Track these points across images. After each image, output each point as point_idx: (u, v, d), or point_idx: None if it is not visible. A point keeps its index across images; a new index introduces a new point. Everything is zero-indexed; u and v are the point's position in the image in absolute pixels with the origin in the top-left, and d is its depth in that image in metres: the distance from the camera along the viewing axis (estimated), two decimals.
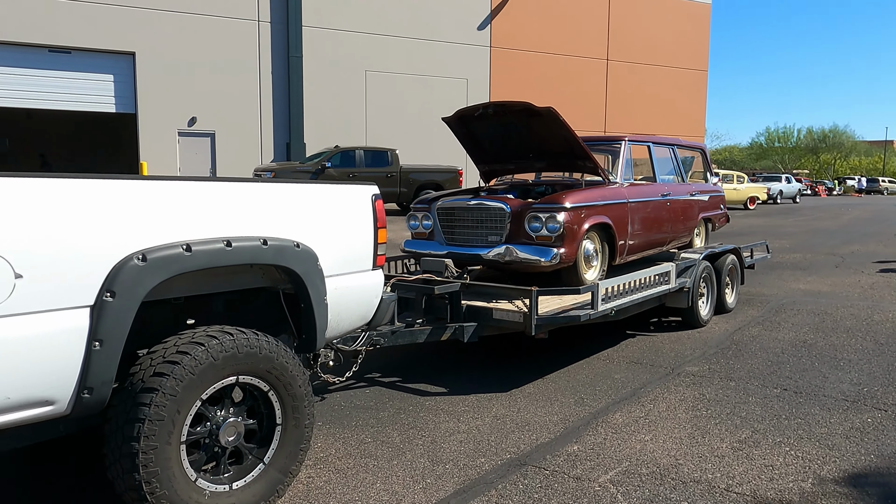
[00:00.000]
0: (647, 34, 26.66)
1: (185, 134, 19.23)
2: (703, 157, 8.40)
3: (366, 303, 3.48)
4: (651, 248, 6.65)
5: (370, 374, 5.11)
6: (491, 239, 5.57)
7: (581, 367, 5.19)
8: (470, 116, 6.10)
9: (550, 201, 5.33)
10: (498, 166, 6.75)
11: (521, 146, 6.29)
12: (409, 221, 6.15)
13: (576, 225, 5.33)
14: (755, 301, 7.91)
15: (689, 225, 7.36)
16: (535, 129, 5.90)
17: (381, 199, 3.55)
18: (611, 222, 5.75)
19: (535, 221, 5.33)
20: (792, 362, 5.31)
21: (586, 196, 5.52)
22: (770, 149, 70.32)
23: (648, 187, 6.56)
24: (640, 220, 6.26)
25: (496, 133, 6.21)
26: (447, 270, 5.32)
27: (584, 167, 6.16)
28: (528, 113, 5.70)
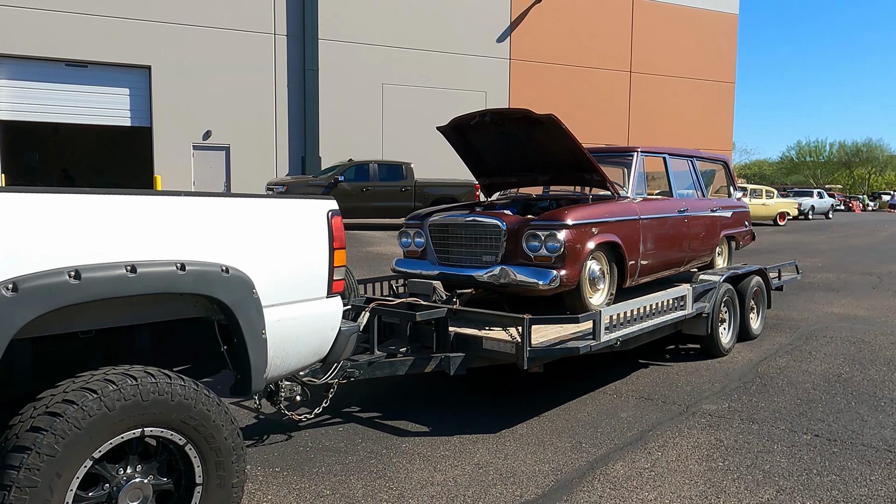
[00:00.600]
0: (672, 45, 26.02)
1: (199, 147, 19.11)
2: (725, 170, 7.81)
3: (318, 336, 3.00)
4: (666, 269, 6.09)
5: (348, 406, 4.62)
6: (486, 259, 5.07)
7: (583, 404, 4.64)
8: (466, 125, 5.63)
9: (550, 218, 4.82)
10: (499, 179, 6.26)
11: (523, 157, 5.80)
12: (401, 239, 5.69)
13: (579, 244, 4.81)
14: (783, 326, 7.26)
15: (709, 243, 6.77)
16: (537, 138, 5.41)
17: (339, 216, 3.09)
18: (620, 241, 5.21)
19: (533, 240, 4.82)
20: (825, 401, 4.69)
21: (591, 212, 5.00)
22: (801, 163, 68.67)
23: (663, 203, 6.01)
24: (654, 239, 5.71)
25: (496, 143, 5.73)
26: (435, 294, 4.83)
27: (592, 180, 5.64)
28: (527, 121, 5.21)
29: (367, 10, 20.72)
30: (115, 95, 18.29)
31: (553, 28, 23.63)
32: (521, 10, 23.04)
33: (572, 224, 4.76)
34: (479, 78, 22.45)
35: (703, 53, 26.75)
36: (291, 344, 2.87)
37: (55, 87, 17.64)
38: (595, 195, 5.85)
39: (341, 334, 3.12)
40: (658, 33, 25.67)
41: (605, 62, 24.77)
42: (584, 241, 4.85)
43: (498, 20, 22.81)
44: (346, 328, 3.16)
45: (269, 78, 19.73)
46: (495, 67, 22.82)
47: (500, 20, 22.85)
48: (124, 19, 17.91)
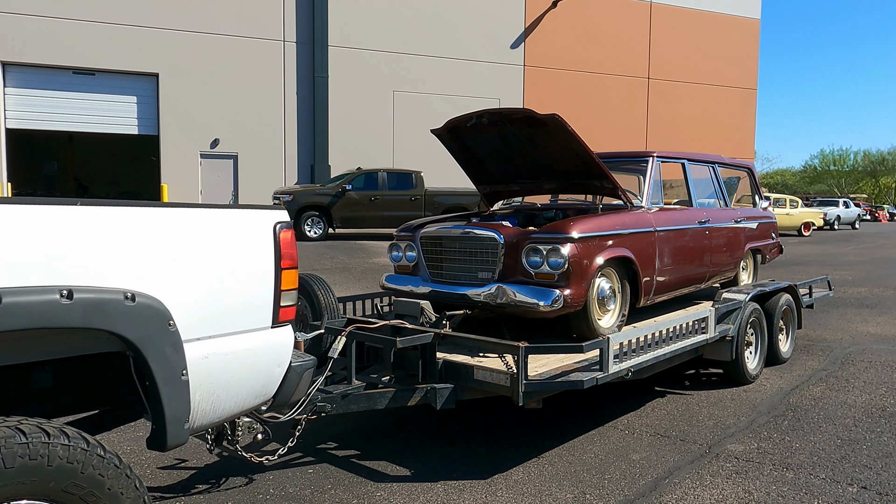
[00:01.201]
0: (692, 51, 25.36)
1: (207, 156, 18.82)
2: (750, 177, 7.21)
3: (261, 374, 2.49)
4: (685, 286, 5.51)
5: (324, 442, 4.11)
6: (482, 276, 4.54)
7: (590, 442, 4.08)
8: (463, 127, 5.12)
9: (553, 230, 4.28)
10: (501, 187, 5.73)
11: (526, 163, 5.27)
12: (391, 252, 5.18)
13: (586, 259, 4.26)
14: (815, 348, 6.63)
15: (733, 257, 6.18)
16: (541, 141, 4.88)
17: (290, 229, 2.59)
18: (632, 256, 4.65)
19: (534, 255, 4.29)
20: (869, 441, 4.08)
21: (600, 223, 4.45)
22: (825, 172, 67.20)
23: (682, 213, 5.44)
24: (672, 253, 5.14)
25: (496, 147, 5.21)
26: (423, 315, 4.30)
27: (602, 188, 5.09)
28: (529, 122, 4.68)
29: (378, 16, 20.37)
30: (123, 103, 18.08)
31: (568, 34, 23.11)
32: (535, 16, 22.56)
33: (578, 237, 4.22)
34: (493, 85, 21.97)
35: (723, 59, 26.04)
36: (225, 385, 2.37)
37: (62, 95, 17.46)
38: (606, 205, 5.30)
39: (292, 371, 2.61)
40: (677, 39, 25.03)
41: (622, 68, 24.17)
42: (591, 257, 4.31)
43: (512, 26, 22.34)
44: (299, 363, 2.65)
45: (278, 85, 19.42)
46: (509, 74, 22.34)
47: (514, 26, 22.38)
48: (132, 26, 17.71)
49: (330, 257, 13.60)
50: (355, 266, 12.50)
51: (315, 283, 4.39)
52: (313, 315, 4.34)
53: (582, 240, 4.24)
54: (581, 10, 23.14)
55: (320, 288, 4.36)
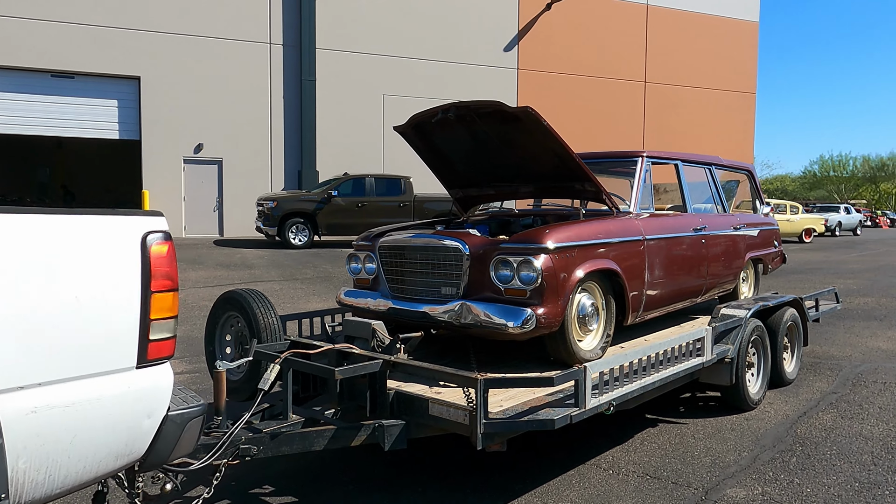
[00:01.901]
0: (689, 54, 24.87)
1: (190, 161, 18.27)
2: (750, 180, 6.67)
3: (122, 429, 1.93)
4: (679, 301, 4.95)
5: (258, 486, 3.54)
6: (445, 291, 3.98)
7: (568, 485, 3.51)
8: (428, 124, 4.57)
9: (524, 239, 3.73)
10: (475, 191, 5.18)
11: (501, 164, 4.72)
12: (350, 264, 4.62)
13: (563, 273, 3.70)
14: (822, 367, 6.06)
15: (732, 268, 5.63)
16: (515, 139, 4.33)
17: (166, 241, 2.03)
18: (618, 268, 4.09)
19: (503, 268, 3.73)
20: (893, 484, 3.51)
21: (580, 232, 3.89)
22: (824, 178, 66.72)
23: (675, 220, 4.89)
24: (663, 264, 4.59)
25: (467, 147, 4.66)
26: (374, 338, 3.74)
27: (584, 191, 4.54)
28: (500, 117, 4.14)
29: (368, 18, 19.88)
30: (103, 107, 17.53)
31: (563, 36, 22.62)
32: (529, 18, 22.08)
33: (553, 247, 3.66)
34: (485, 88, 21.44)
35: (722, 62, 25.55)
36: (66, 447, 1.81)
37: (40, 98, 16.92)
38: (590, 210, 4.75)
39: (169, 422, 2.05)
40: (674, 42, 24.54)
41: (619, 72, 23.67)
42: (569, 270, 3.75)
43: (505, 28, 21.85)
44: (179, 411, 2.08)
45: (264, 89, 18.90)
46: (502, 77, 21.83)
47: (508, 28, 21.89)
48: (112, 28, 17.20)
49: (313, 266, 13.05)
50: (338, 275, 11.94)
51: (253, 299, 3.83)
52: (250, 337, 3.78)
53: (558, 250, 3.68)
54: (576, 12, 22.66)
55: (259, 305, 3.80)
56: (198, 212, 18.39)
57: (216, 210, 18.63)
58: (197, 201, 18.39)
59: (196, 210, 18.37)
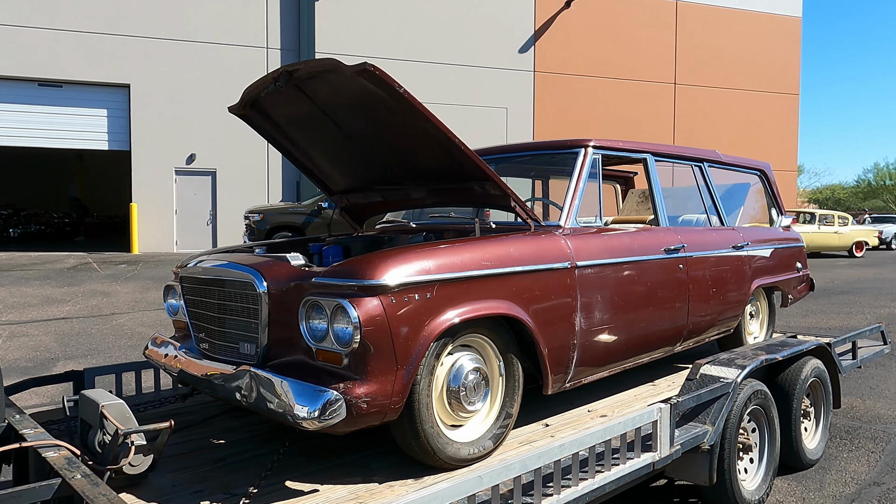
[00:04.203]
0: (724, 53, 23.01)
1: (182, 172, 17.38)
2: (763, 183, 5.12)
3: None
4: (642, 353, 3.47)
5: None
6: (245, 349, 2.61)
7: None
8: (266, 102, 3.23)
9: (341, 271, 2.34)
10: (360, 198, 3.80)
11: (381, 159, 3.35)
12: (167, 300, 3.28)
13: (408, 325, 2.30)
14: (862, 435, 4.45)
15: (731, 301, 4.11)
16: (379, 119, 2.95)
17: None
18: (522, 313, 2.66)
19: (316, 316, 2.34)
20: None
21: (448, 258, 2.47)
22: (880, 187, 62.82)
23: (633, 238, 3.42)
24: (609, 302, 3.12)
25: (330, 134, 3.29)
26: (102, 430, 2.37)
27: (488, 196, 3.12)
28: (342, 83, 2.76)
29: (370, 20, 18.77)
30: (92, 117, 16.81)
31: (583, 36, 21.08)
32: (546, 17, 20.65)
33: (390, 284, 2.26)
34: (500, 92, 20.08)
35: (760, 62, 23.59)
36: None
37: (27, 108, 16.29)
38: (504, 224, 3.32)
39: None
40: (707, 40, 22.73)
41: (645, 73, 21.98)
42: (424, 319, 2.34)
43: (520, 28, 20.46)
44: None
45: None
46: (518, 80, 20.41)
47: (523, 28, 20.49)
48: (101, 34, 16.48)
49: None
50: None
51: None
52: None
53: (400, 289, 2.28)
54: (597, 11, 21.13)
55: None
56: (190, 225, 17.47)
57: (209, 223, 17.68)
58: (189, 214, 17.47)
59: (188, 223, 17.45)
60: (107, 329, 8.09)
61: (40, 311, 9.20)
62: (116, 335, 7.63)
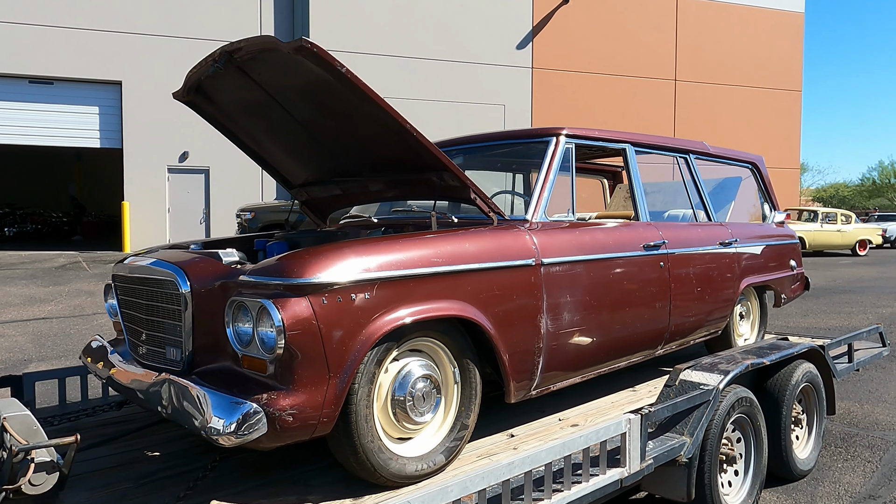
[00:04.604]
0: (725, 49, 22.71)
1: (175, 170, 17.18)
2: (755, 177, 4.87)
3: None
4: (619, 357, 3.23)
5: None
6: (170, 354, 2.39)
7: None
8: (210, 86, 2.99)
9: (269, 269, 2.10)
10: (319, 191, 3.57)
11: (336, 148, 3.11)
12: (106, 300, 3.05)
13: (343, 328, 2.06)
14: (858, 443, 4.21)
15: (717, 301, 3.86)
16: (327, 104, 2.72)
17: None
18: (479, 315, 2.43)
19: (242, 318, 2.11)
20: None
21: (392, 253, 2.24)
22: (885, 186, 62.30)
23: (607, 233, 3.18)
24: (579, 302, 2.89)
25: (280, 121, 3.06)
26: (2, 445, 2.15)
27: (448, 188, 2.88)
28: (282, 63, 2.53)
29: (367, 16, 18.53)
30: (84, 114, 16.61)
31: (582, 32, 20.81)
32: (544, 13, 20.38)
33: (319, 285, 2.02)
34: (497, 89, 19.82)
35: (762, 58, 23.28)
36: None
37: (17, 106, 16.09)
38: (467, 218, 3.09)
39: None
40: (708, 35, 22.43)
41: (646, 69, 21.70)
42: (357, 324, 2.11)
43: (518, 24, 20.19)
44: None
45: None
46: (515, 77, 20.15)
47: (521, 24, 20.23)
48: (93, 31, 16.28)
49: None
50: None
51: None
52: None
53: (333, 289, 2.04)
54: (597, 6, 20.84)
55: None
56: (183, 223, 17.26)
57: (203, 222, 17.48)
58: (182, 212, 17.26)
59: (181, 222, 17.24)
60: (86, 329, 7.88)
61: (21, 310, 9.00)
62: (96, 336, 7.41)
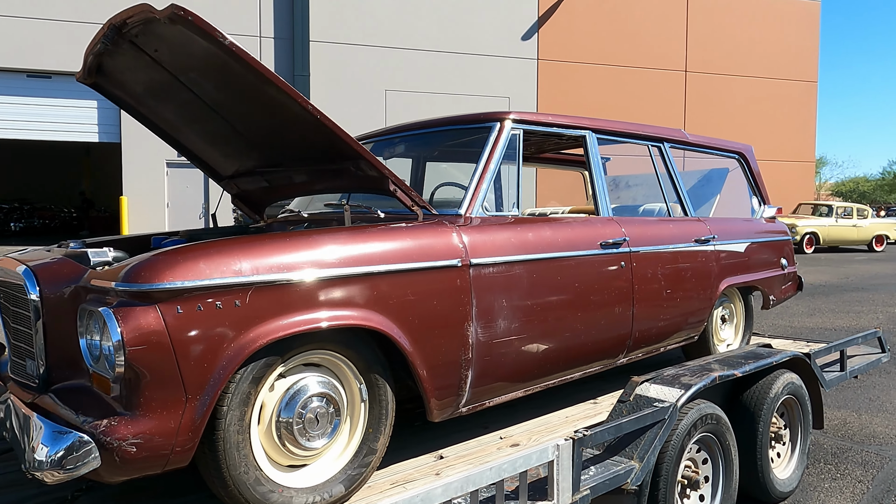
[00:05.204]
0: (737, 38, 22.09)
1: (174, 165, 16.99)
2: (743, 168, 4.50)
3: None
4: (567, 370, 2.90)
5: None
6: (29, 368, 2.10)
7: None
8: (108, 65, 2.69)
9: (117, 273, 1.80)
10: (248, 183, 3.27)
11: (250, 134, 2.81)
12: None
13: (199, 345, 1.76)
14: (850, 459, 3.84)
15: (691, 304, 3.51)
16: (230, 86, 2.42)
17: None
18: (387, 326, 2.11)
19: (93, 329, 1.81)
20: None
21: (262, 256, 1.93)
22: None
23: (556, 229, 2.84)
24: (519, 310, 2.56)
25: (194, 107, 2.75)
26: None
27: (367, 178, 2.57)
28: (173, 39, 2.23)
29: (367, 6, 18.21)
30: (82, 108, 16.46)
31: (589, 22, 20.33)
32: (550, 3, 19.92)
33: (171, 291, 1.72)
34: (501, 81, 19.41)
35: (776, 48, 22.63)
36: None
37: (15, 100, 15.98)
38: (392, 213, 2.78)
39: None
40: (719, 25, 21.83)
41: (655, 60, 21.16)
42: (223, 337, 1.80)
43: (523, 15, 19.75)
44: None
45: None
46: (520, 69, 19.72)
47: (526, 14, 19.79)
48: (91, 24, 16.09)
49: None
50: None
51: None
52: None
53: (190, 295, 1.74)
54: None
55: None
56: (182, 219, 17.09)
57: (202, 217, 17.29)
58: (181, 208, 17.09)
59: (180, 217, 17.07)
60: None
61: None
62: None
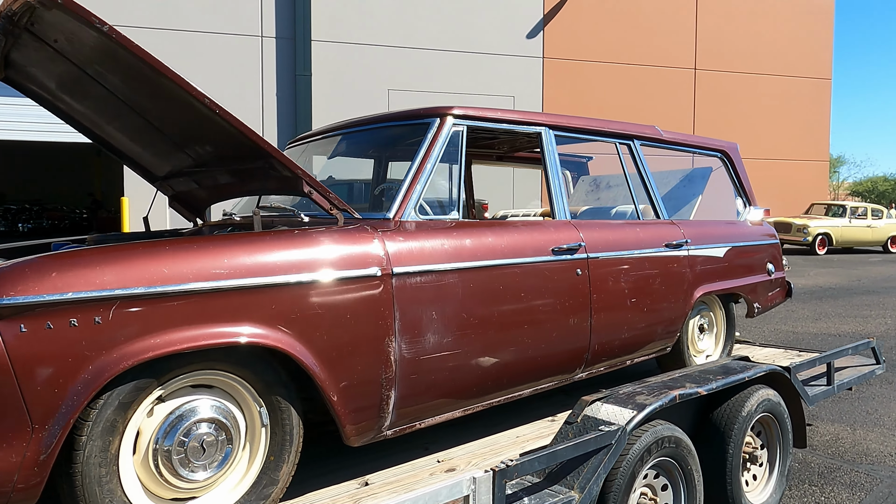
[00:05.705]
0: (748, 35, 21.65)
1: None
2: (727, 167, 4.23)
3: None
4: (514, 387, 2.67)
5: None
6: None
7: None
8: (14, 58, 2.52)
9: None
10: (181, 183, 3.08)
11: (166, 132, 2.61)
12: None
13: (48, 367, 1.56)
14: (838, 479, 3.56)
15: (660, 314, 3.26)
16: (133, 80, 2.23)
17: None
18: (288, 345, 1.90)
19: None
20: None
21: (132, 266, 1.72)
22: None
23: (498, 236, 2.61)
24: (452, 323, 2.34)
25: (110, 103, 2.56)
26: None
27: (281, 179, 2.35)
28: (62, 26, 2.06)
29: (370, 5, 18.05)
30: None
31: (596, 20, 20.01)
32: (556, 0, 19.64)
33: (13, 307, 1.52)
34: (506, 80, 19.15)
35: (789, 45, 22.15)
36: None
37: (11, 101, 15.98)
38: (322, 217, 2.56)
39: None
40: (729, 21, 21.40)
41: (663, 58, 20.79)
42: (79, 358, 1.60)
43: (528, 12, 19.48)
44: None
45: (254, 85, 17.36)
46: (525, 68, 19.45)
47: (531, 12, 19.51)
48: None
49: None
50: None
51: None
52: None
53: (38, 311, 1.54)
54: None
55: None
56: (182, 220, 17.01)
57: None
58: None
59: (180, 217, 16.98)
60: None
61: None
62: None
